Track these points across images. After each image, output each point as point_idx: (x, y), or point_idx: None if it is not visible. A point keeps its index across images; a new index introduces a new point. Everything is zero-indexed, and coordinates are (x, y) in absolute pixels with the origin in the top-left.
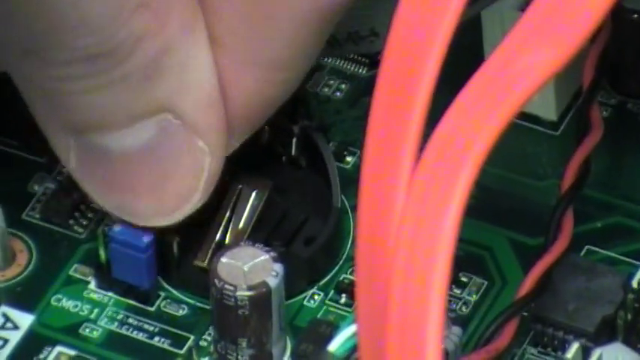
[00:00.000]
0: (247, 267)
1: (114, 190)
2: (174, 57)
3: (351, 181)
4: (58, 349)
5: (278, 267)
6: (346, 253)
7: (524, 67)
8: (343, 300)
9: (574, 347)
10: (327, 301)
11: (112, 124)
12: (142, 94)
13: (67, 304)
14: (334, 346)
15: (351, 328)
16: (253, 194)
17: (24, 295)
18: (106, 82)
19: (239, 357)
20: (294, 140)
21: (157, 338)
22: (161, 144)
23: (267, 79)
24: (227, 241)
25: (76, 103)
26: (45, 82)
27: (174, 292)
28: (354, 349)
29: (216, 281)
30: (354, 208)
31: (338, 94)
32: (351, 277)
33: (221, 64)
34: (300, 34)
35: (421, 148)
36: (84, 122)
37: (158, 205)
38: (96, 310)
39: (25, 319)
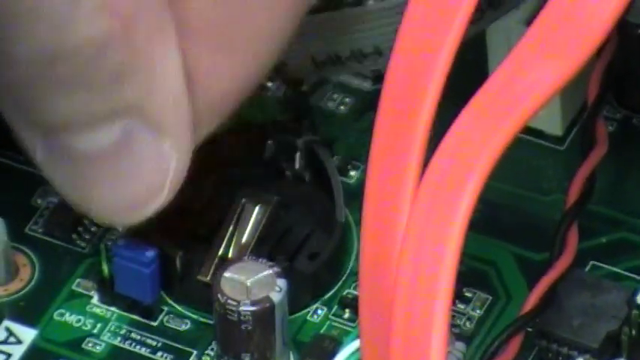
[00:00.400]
0: (250, 282)
1: (79, 188)
2: (141, 61)
3: (355, 195)
4: None
5: (281, 282)
6: (350, 268)
7: (529, 83)
8: (347, 315)
9: None
10: (330, 316)
11: (76, 126)
12: (107, 98)
13: (70, 318)
14: None
15: (355, 344)
16: (257, 209)
17: (27, 310)
18: (69, 85)
19: None
20: (298, 154)
21: (159, 353)
22: (126, 145)
23: (241, 65)
24: (230, 255)
25: (39, 104)
26: (6, 79)
27: (178, 306)
28: None
29: (219, 296)
30: (358, 223)
31: (342, 108)
32: (354, 292)
33: (193, 53)
34: (274, 17)
35: (425, 163)
36: (47, 123)
37: (122, 204)
38: (99, 325)
39: (27, 334)
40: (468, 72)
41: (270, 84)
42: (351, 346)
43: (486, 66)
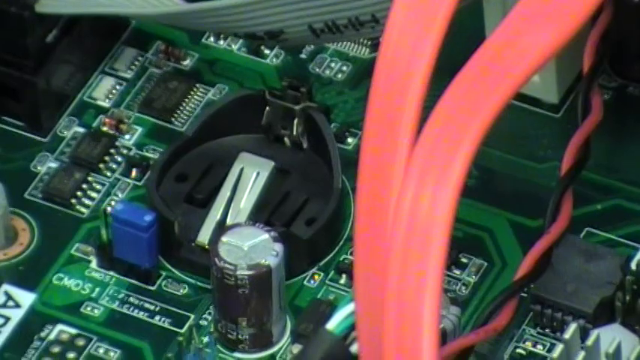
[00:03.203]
0: (248, 246)
1: None
2: None
3: (353, 162)
4: (60, 327)
5: (278, 247)
6: (347, 233)
7: (523, 49)
8: (343, 280)
9: (572, 328)
10: (327, 282)
11: None
12: None
13: (69, 283)
14: (333, 324)
15: (350, 307)
16: (255, 175)
17: (26, 274)
18: None
19: (239, 336)
20: (296, 121)
21: (157, 317)
22: None
23: None
24: (228, 221)
25: None
26: None
27: (176, 271)
28: (352, 327)
29: (216, 260)
30: (355, 190)
31: (340, 75)
32: (351, 258)
33: None
34: None
35: (419, 130)
36: None
37: None
38: (97, 289)
39: (26, 298)
40: (465, 39)
41: (268, 52)
42: (345, 309)
43: (483, 33)
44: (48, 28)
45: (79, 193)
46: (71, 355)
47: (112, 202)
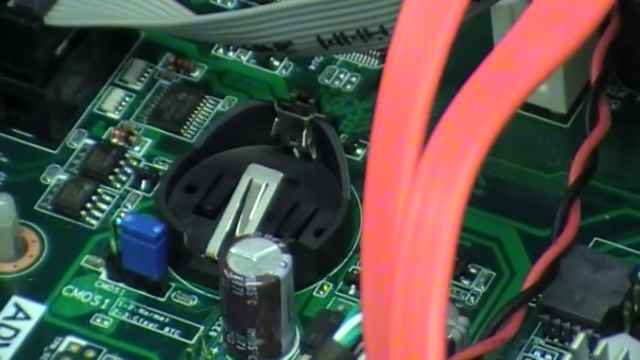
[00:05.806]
0: (256, 258)
1: None
2: None
3: (361, 173)
4: (69, 339)
5: (287, 258)
6: (355, 244)
7: (531, 57)
8: (352, 291)
9: (580, 338)
10: (336, 292)
11: None
12: None
13: (79, 294)
14: (340, 335)
15: (357, 317)
16: (264, 186)
17: (35, 286)
18: None
19: (248, 347)
20: (305, 133)
21: (167, 329)
22: None
23: None
24: (237, 232)
25: None
26: None
27: (185, 282)
28: (360, 337)
29: (225, 272)
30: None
31: (349, 86)
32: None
33: None
34: None
35: (426, 139)
36: None
37: None
38: (107, 301)
39: (36, 310)
40: (473, 48)
41: (277, 63)
42: (353, 320)
43: (491, 43)
44: (57, 40)
45: (88, 205)
46: None
47: (122, 214)
